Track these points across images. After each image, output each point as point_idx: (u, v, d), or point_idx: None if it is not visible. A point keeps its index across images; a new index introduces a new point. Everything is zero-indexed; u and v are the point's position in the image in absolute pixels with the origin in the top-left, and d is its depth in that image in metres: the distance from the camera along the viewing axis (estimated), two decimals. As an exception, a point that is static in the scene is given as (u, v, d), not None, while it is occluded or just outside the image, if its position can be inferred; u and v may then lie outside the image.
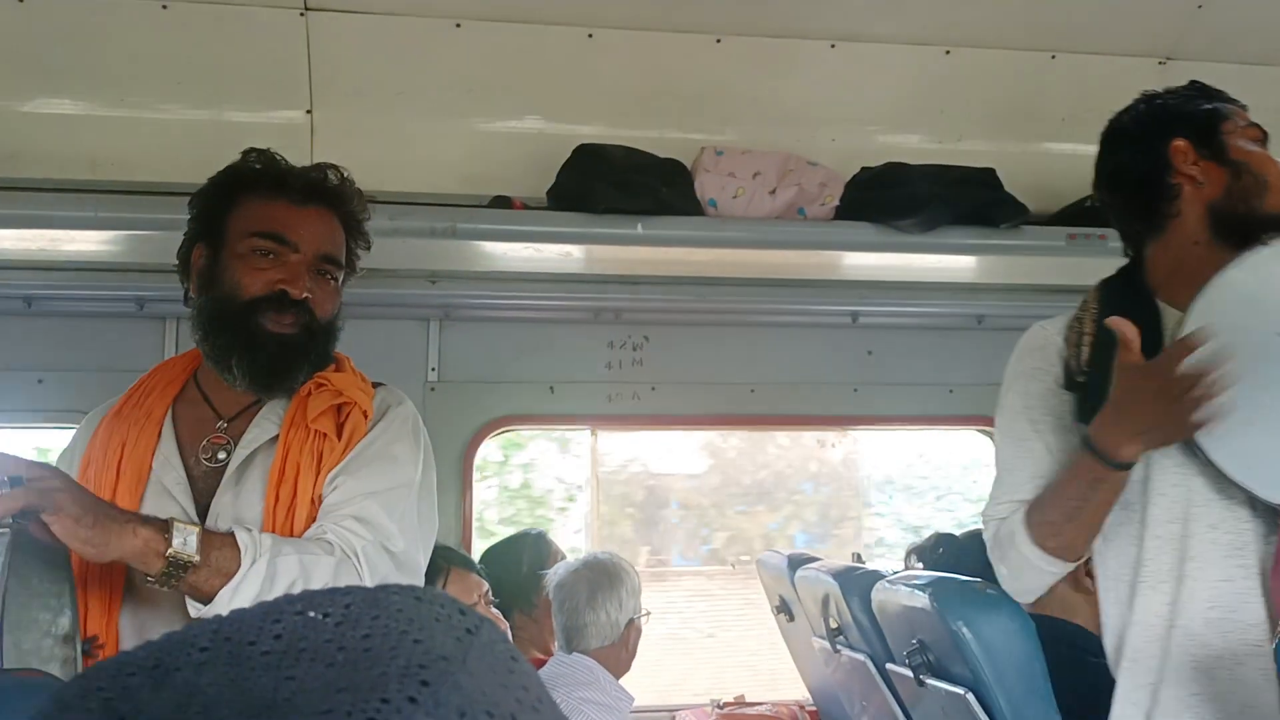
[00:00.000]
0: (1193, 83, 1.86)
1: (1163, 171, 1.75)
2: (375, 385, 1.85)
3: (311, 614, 0.39)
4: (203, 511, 1.68)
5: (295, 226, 1.75)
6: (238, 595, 1.49)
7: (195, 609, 1.52)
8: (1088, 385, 1.70)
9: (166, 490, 1.69)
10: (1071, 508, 1.64)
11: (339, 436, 1.71)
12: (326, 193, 1.80)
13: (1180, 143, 1.75)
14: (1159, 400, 1.52)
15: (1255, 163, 1.74)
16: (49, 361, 3.02)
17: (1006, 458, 1.80)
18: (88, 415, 1.86)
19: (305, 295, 1.71)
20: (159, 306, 3.02)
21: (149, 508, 1.66)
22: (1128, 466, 1.59)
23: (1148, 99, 1.86)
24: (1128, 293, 1.77)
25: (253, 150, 1.82)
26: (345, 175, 1.83)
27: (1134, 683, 1.69)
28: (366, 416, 1.75)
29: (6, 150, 2.72)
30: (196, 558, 1.47)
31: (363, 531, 1.62)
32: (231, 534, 1.54)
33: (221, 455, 1.73)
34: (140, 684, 0.37)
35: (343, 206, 1.82)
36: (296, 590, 1.37)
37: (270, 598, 1.41)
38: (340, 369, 1.82)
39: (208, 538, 1.50)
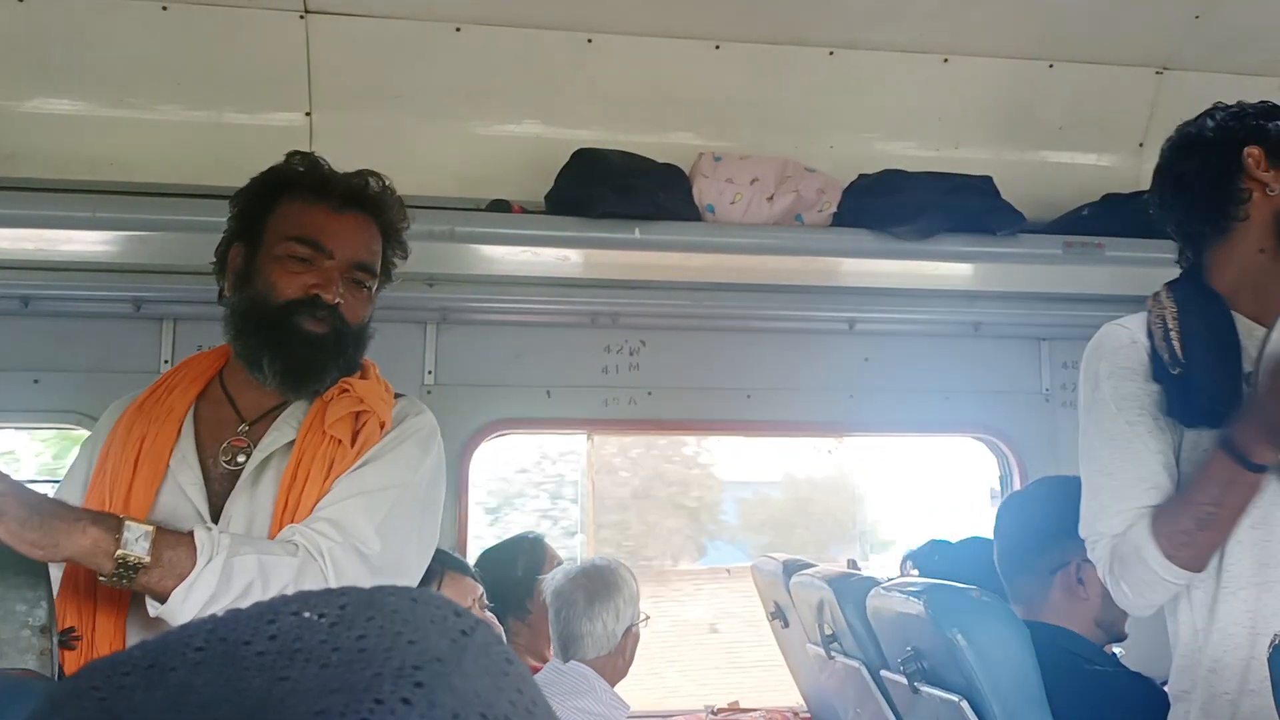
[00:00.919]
0: (1265, 101, 1.87)
1: (1234, 175, 1.78)
2: (397, 396, 1.85)
3: (307, 615, 0.39)
4: (217, 513, 1.68)
5: (332, 233, 1.76)
6: (191, 595, 1.48)
7: (154, 608, 1.51)
8: (1185, 378, 1.70)
9: (181, 489, 1.68)
10: (1205, 514, 1.61)
11: (353, 444, 1.70)
12: (366, 200, 1.81)
13: (1254, 149, 1.78)
14: None
15: None
16: (45, 361, 3.02)
17: (1103, 461, 1.75)
18: (111, 405, 1.86)
19: (338, 300, 1.73)
20: (156, 307, 3.02)
21: (163, 505, 1.67)
22: (1264, 469, 1.59)
23: (1223, 109, 1.87)
24: (1201, 294, 1.77)
25: (297, 153, 1.84)
26: (387, 184, 1.84)
27: (1212, 692, 1.66)
28: (383, 427, 1.75)
29: (5, 150, 2.72)
30: (147, 559, 1.46)
31: (332, 533, 1.60)
32: (190, 533, 1.53)
33: (241, 458, 1.73)
34: (135, 684, 0.37)
35: (382, 215, 1.84)
36: (254, 592, 1.36)
37: (226, 599, 1.40)
38: (365, 376, 1.82)
39: (161, 537, 1.49)
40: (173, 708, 0.35)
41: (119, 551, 1.45)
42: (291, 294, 1.72)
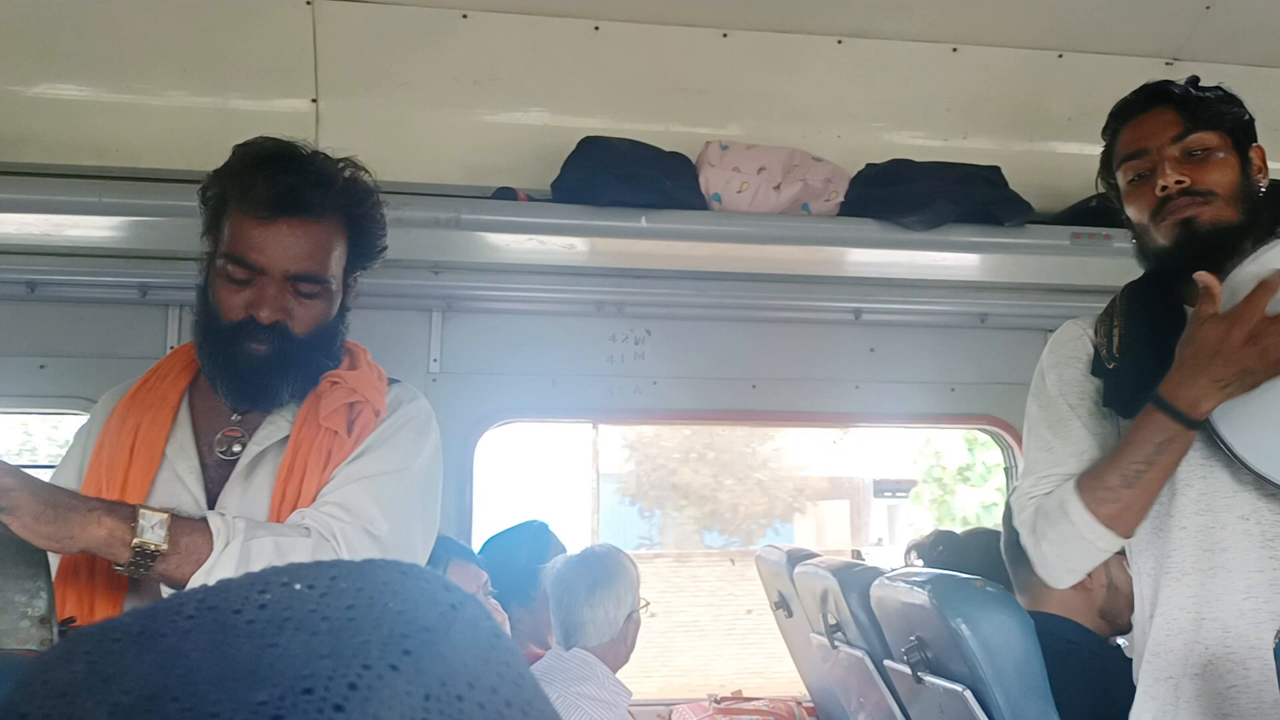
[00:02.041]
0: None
1: None
2: (392, 382, 1.83)
3: (297, 586, 0.40)
4: (212, 501, 1.67)
5: (260, 247, 1.65)
6: (212, 579, 1.47)
7: (169, 594, 1.49)
8: (1119, 371, 1.75)
9: (179, 477, 1.68)
10: (1133, 471, 1.63)
11: (349, 434, 1.69)
12: (296, 202, 1.66)
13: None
14: (1249, 344, 1.54)
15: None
16: (51, 347, 3.03)
17: (1044, 439, 1.79)
18: (106, 394, 1.85)
19: (277, 319, 1.65)
20: (162, 293, 3.02)
21: (160, 493, 1.66)
22: (1200, 425, 1.60)
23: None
24: (1155, 292, 1.79)
25: (240, 146, 1.72)
26: (345, 170, 1.73)
27: (1154, 676, 1.70)
28: (378, 415, 1.73)
29: (12, 135, 2.72)
30: (165, 546, 1.45)
31: (342, 515, 1.59)
32: (204, 519, 1.51)
33: (236, 448, 1.72)
34: (125, 648, 0.37)
35: (325, 211, 1.69)
36: None
37: None
38: (355, 364, 1.79)
39: (177, 524, 1.48)
40: (161, 670, 0.35)
41: (136, 540, 1.43)
42: (233, 316, 1.66)
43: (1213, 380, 1.57)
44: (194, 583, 1.47)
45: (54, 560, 1.51)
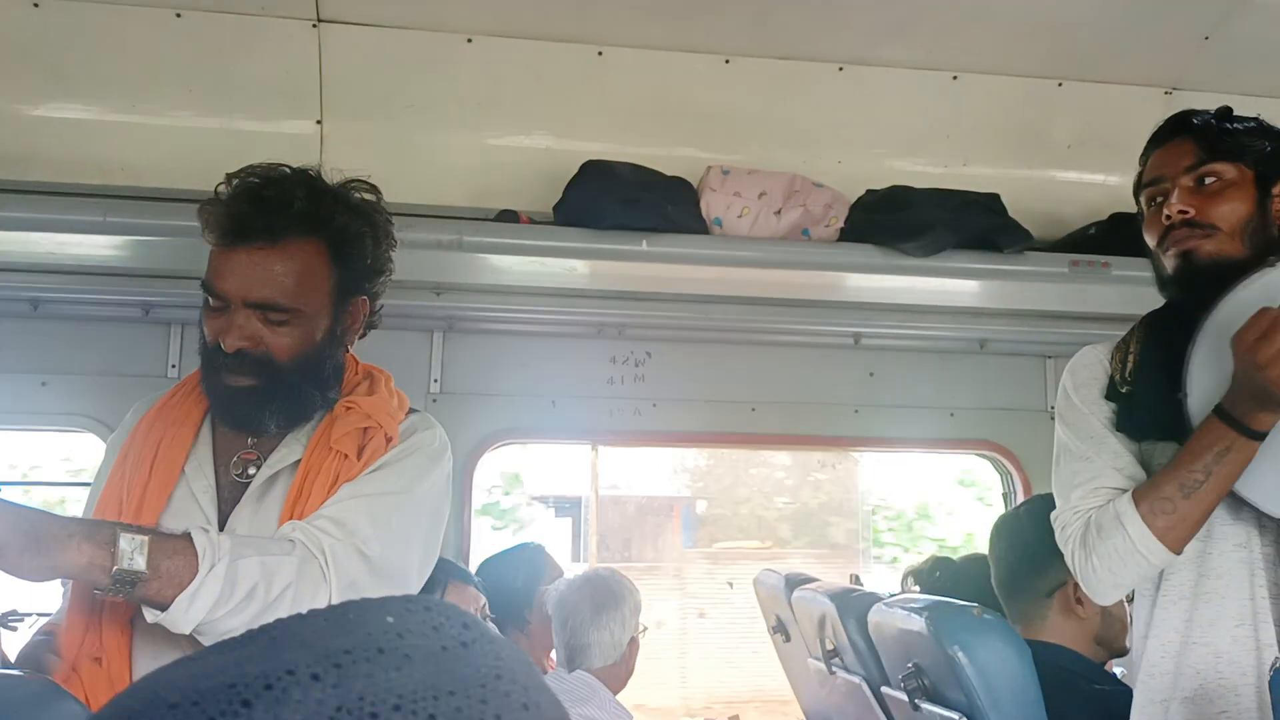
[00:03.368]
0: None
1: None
2: (411, 410, 1.82)
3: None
4: (224, 521, 1.67)
5: (223, 275, 1.64)
6: (195, 603, 1.45)
7: (152, 615, 1.48)
8: (1130, 395, 1.76)
9: (194, 496, 1.68)
10: (1191, 481, 1.62)
11: (359, 458, 1.68)
12: (249, 230, 1.63)
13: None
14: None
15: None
16: (53, 365, 3.03)
17: (1080, 449, 1.79)
18: (135, 405, 1.86)
19: (239, 347, 1.63)
20: (164, 312, 3.03)
21: (174, 509, 1.66)
22: (1260, 436, 1.59)
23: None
24: (1172, 320, 1.80)
25: (231, 175, 1.70)
26: (290, 195, 1.66)
27: (1148, 698, 1.72)
28: (389, 441, 1.72)
29: (17, 154, 2.74)
30: (145, 571, 1.43)
31: (334, 531, 1.57)
32: (188, 537, 1.49)
33: (251, 470, 1.72)
34: None
35: (276, 237, 1.64)
36: (257, 595, 1.37)
37: (230, 604, 1.39)
38: (375, 389, 1.78)
39: (159, 545, 1.45)
40: None
41: (115, 567, 1.41)
42: (211, 343, 1.67)
43: (1259, 395, 1.55)
44: (177, 605, 1.45)
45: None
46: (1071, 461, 1.81)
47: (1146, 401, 1.73)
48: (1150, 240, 1.79)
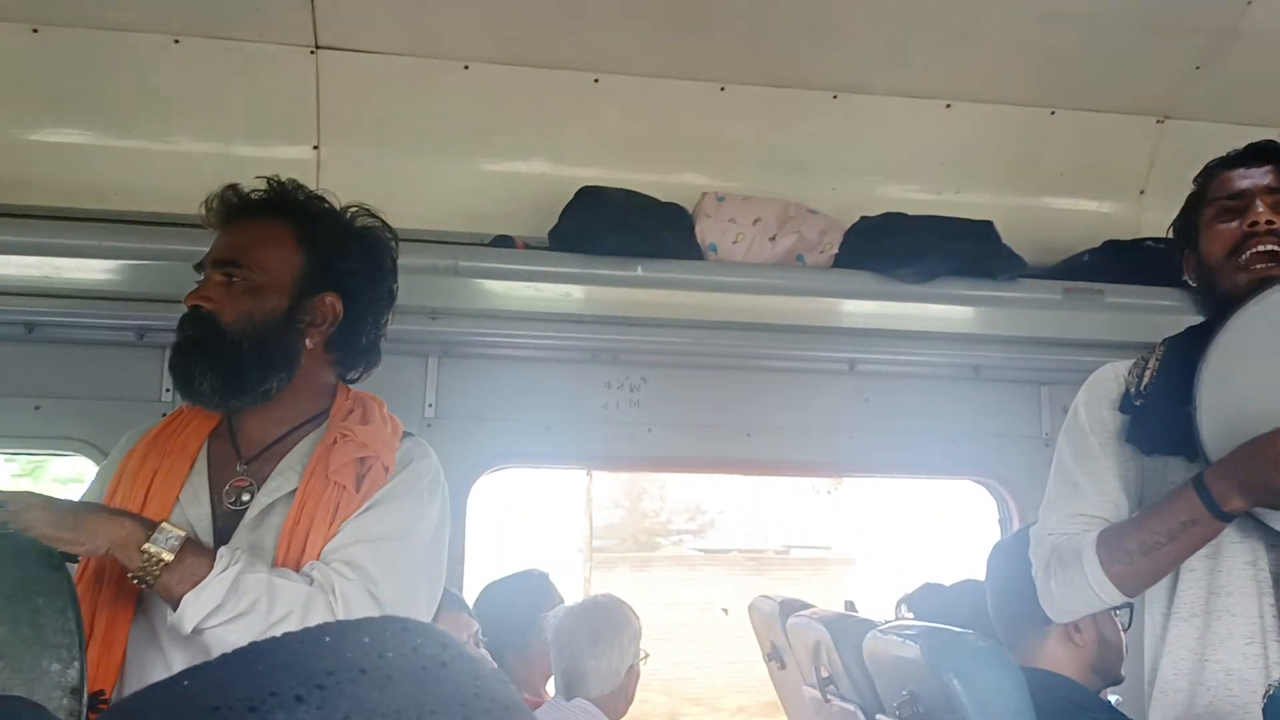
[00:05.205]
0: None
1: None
2: (406, 434, 1.84)
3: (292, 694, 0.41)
4: None
5: (209, 252, 1.83)
6: (200, 599, 1.53)
7: (170, 616, 1.55)
8: (1144, 407, 1.79)
9: (190, 526, 1.69)
10: (1151, 542, 1.66)
11: (357, 489, 1.70)
12: (233, 208, 1.84)
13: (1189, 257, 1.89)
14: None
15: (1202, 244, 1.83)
16: (47, 388, 3.02)
17: (1071, 474, 1.84)
18: (127, 434, 1.89)
19: (195, 303, 1.76)
20: (159, 336, 3.01)
21: None
22: (1228, 519, 1.61)
23: None
24: (1195, 340, 1.82)
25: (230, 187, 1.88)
26: (285, 192, 1.86)
27: (1162, 716, 1.73)
28: (387, 471, 1.74)
29: (14, 178, 2.74)
30: (170, 557, 1.53)
31: (349, 573, 1.62)
32: (214, 548, 1.59)
33: (246, 497, 1.74)
34: None
35: (255, 214, 1.84)
36: (259, 609, 1.40)
37: (232, 610, 1.42)
38: (369, 417, 1.80)
39: (190, 544, 1.57)
40: None
41: (147, 545, 1.53)
42: None
43: (1258, 488, 1.58)
44: (184, 601, 1.53)
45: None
46: (1059, 481, 1.85)
47: (1159, 414, 1.76)
48: (1217, 250, 1.79)
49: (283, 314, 1.78)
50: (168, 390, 3.01)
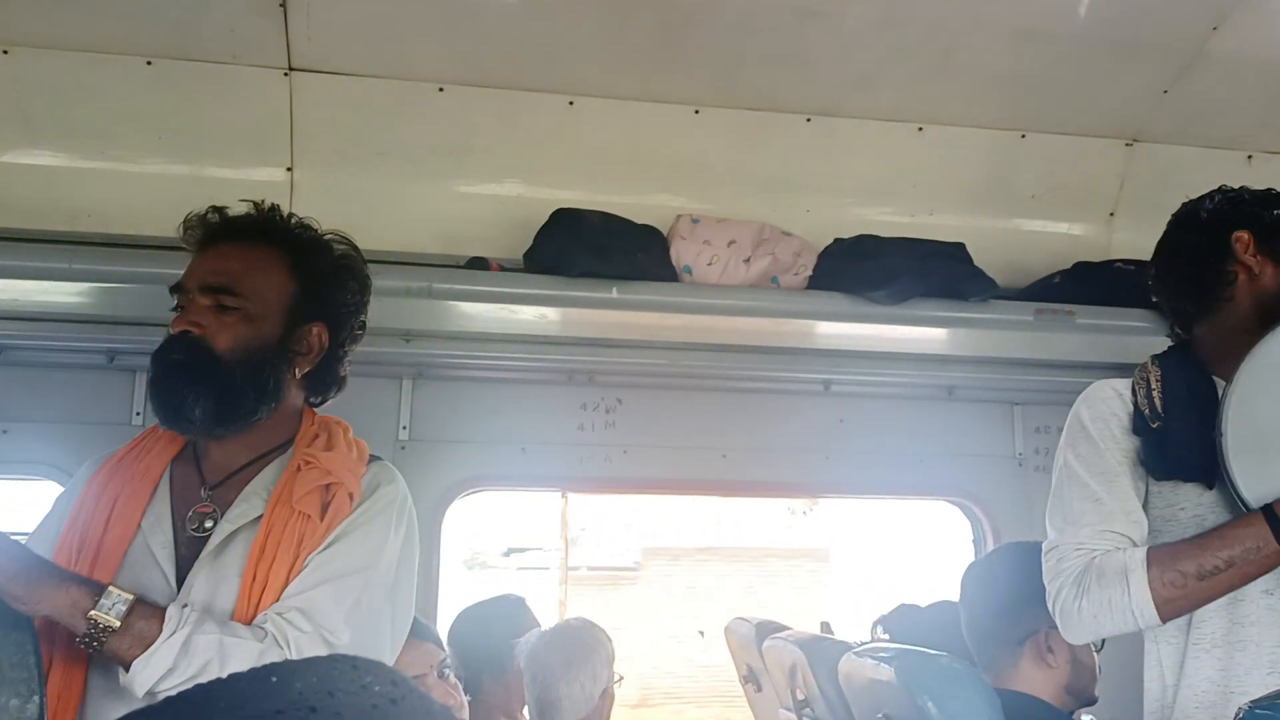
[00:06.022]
0: (1270, 189, 1.92)
1: (1223, 257, 1.84)
2: (373, 458, 1.82)
3: None
4: (182, 577, 1.66)
5: (189, 273, 1.79)
6: (149, 666, 1.51)
7: (122, 677, 1.53)
8: (1164, 431, 1.76)
9: (151, 553, 1.67)
10: (1210, 567, 1.61)
11: (322, 518, 1.68)
12: (220, 231, 1.81)
13: (1243, 234, 1.83)
14: None
15: None
16: (15, 412, 2.98)
17: (1090, 489, 1.78)
18: (87, 461, 1.86)
19: (184, 329, 1.72)
20: (129, 359, 2.99)
21: (130, 568, 1.66)
22: None
23: (1224, 192, 1.93)
24: (1185, 362, 1.83)
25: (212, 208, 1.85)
26: (273, 218, 1.84)
27: None
28: (353, 498, 1.72)
29: (-16, 201, 2.72)
30: (116, 624, 1.50)
31: (301, 623, 1.59)
32: (164, 607, 1.56)
33: (209, 524, 1.71)
34: None
35: (245, 238, 1.81)
36: (211, 671, 1.39)
37: (185, 674, 1.42)
38: (332, 444, 1.78)
39: (138, 607, 1.53)
40: None
41: (92, 613, 1.50)
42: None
43: None
44: (135, 666, 1.50)
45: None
46: (1080, 496, 1.79)
47: (1181, 439, 1.73)
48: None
49: (276, 343, 1.77)
50: (138, 414, 2.98)
